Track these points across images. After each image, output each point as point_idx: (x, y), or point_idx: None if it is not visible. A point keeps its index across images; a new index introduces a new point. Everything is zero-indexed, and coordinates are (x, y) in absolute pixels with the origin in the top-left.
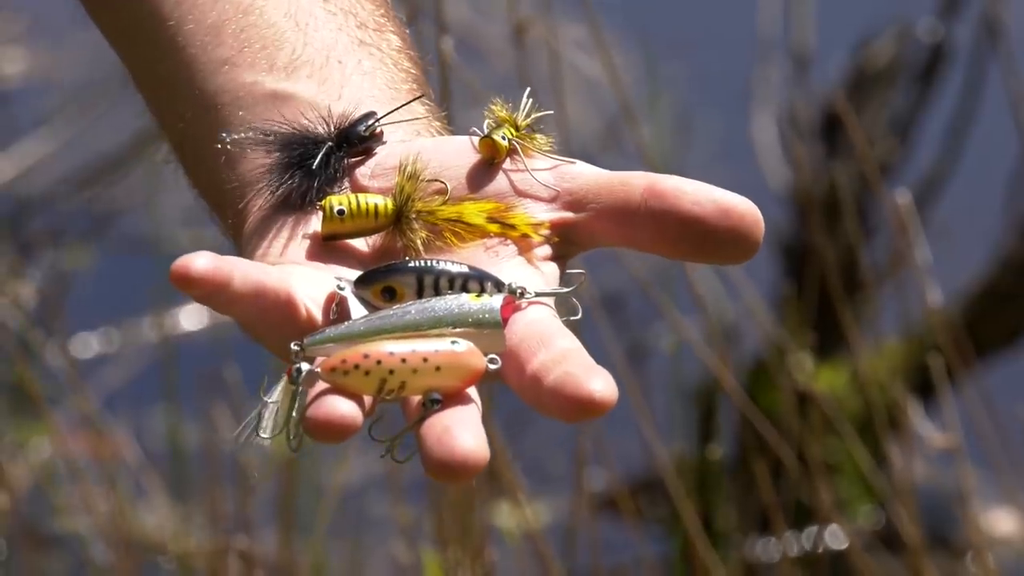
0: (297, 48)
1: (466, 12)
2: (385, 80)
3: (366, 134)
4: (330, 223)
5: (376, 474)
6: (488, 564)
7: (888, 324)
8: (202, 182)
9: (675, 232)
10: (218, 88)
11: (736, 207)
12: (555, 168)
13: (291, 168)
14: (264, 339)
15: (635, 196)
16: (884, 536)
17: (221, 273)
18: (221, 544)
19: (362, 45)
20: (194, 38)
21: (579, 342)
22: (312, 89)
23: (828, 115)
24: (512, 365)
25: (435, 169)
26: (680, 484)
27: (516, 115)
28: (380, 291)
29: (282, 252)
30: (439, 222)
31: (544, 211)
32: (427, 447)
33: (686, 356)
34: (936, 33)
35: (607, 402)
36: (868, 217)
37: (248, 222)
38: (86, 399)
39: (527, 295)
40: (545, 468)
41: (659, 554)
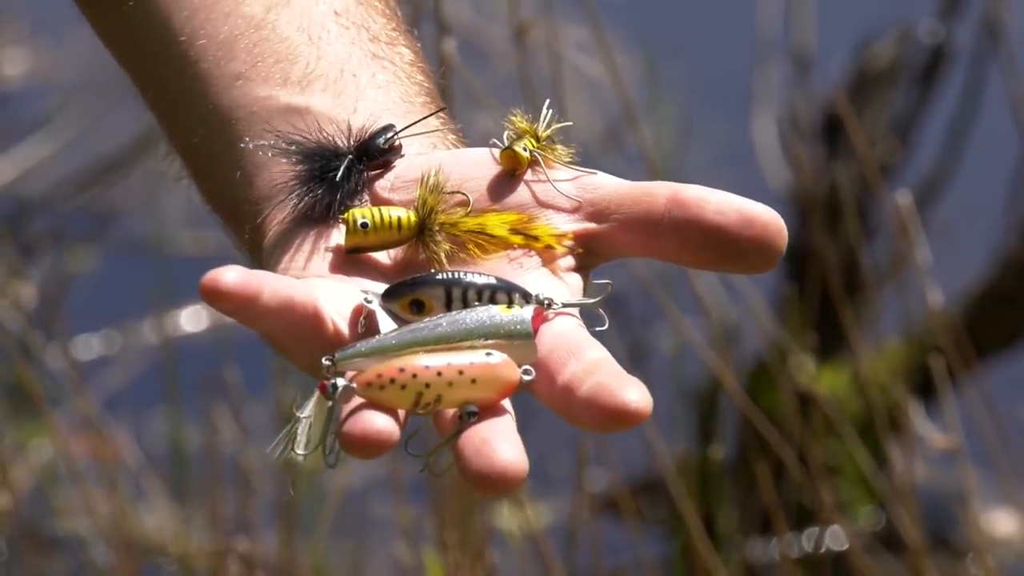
0: (311, 62)
1: (468, 13)
2: (399, 93)
3: (385, 147)
4: (353, 236)
5: (377, 476)
6: (489, 565)
7: (889, 325)
8: (216, 196)
9: (698, 242)
10: (232, 103)
11: (760, 216)
12: (576, 179)
13: (313, 181)
14: (291, 353)
15: (658, 206)
16: (884, 537)
17: (251, 287)
18: (222, 546)
19: (375, 59)
20: (206, 53)
21: (608, 352)
22: (327, 102)
23: (829, 116)
24: (542, 376)
25: (455, 181)
26: (682, 485)
27: (536, 126)
28: (408, 304)
29: (305, 265)
30: (462, 234)
31: (567, 222)
32: (466, 459)
33: (687, 357)
34: (937, 34)
35: (643, 411)
36: (869, 218)
37: (268, 236)
38: (87, 401)
39: (554, 306)
40: (546, 469)
41: (660, 555)
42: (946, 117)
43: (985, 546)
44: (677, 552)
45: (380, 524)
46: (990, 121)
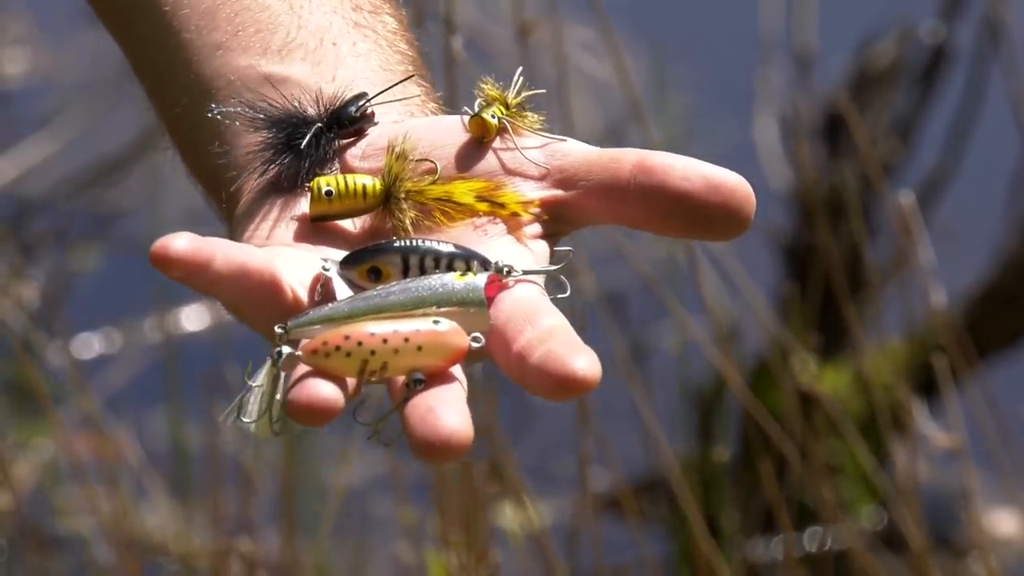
0: (291, 31)
1: (472, 13)
2: (380, 62)
3: (357, 115)
4: (318, 204)
5: (379, 474)
6: (492, 565)
7: (891, 324)
8: (198, 166)
9: (665, 208)
10: (213, 72)
11: (726, 182)
12: (545, 146)
13: (280, 149)
14: (250, 320)
15: (625, 173)
16: (886, 536)
17: (201, 254)
18: (223, 545)
19: (357, 27)
20: (189, 23)
21: (566, 319)
22: (306, 71)
23: (831, 116)
24: (499, 343)
25: (425, 148)
26: (684, 484)
27: (506, 94)
28: (366, 272)
29: (270, 234)
30: (428, 202)
31: (534, 189)
32: (411, 427)
33: (690, 356)
34: (938, 34)
35: (591, 379)
36: (871, 217)
37: (240, 205)
38: (88, 399)
39: (514, 273)
40: (548, 469)
41: (662, 554)
42: (947, 117)
43: (987, 546)
44: (679, 551)
45: (381, 523)
46: (991, 121)
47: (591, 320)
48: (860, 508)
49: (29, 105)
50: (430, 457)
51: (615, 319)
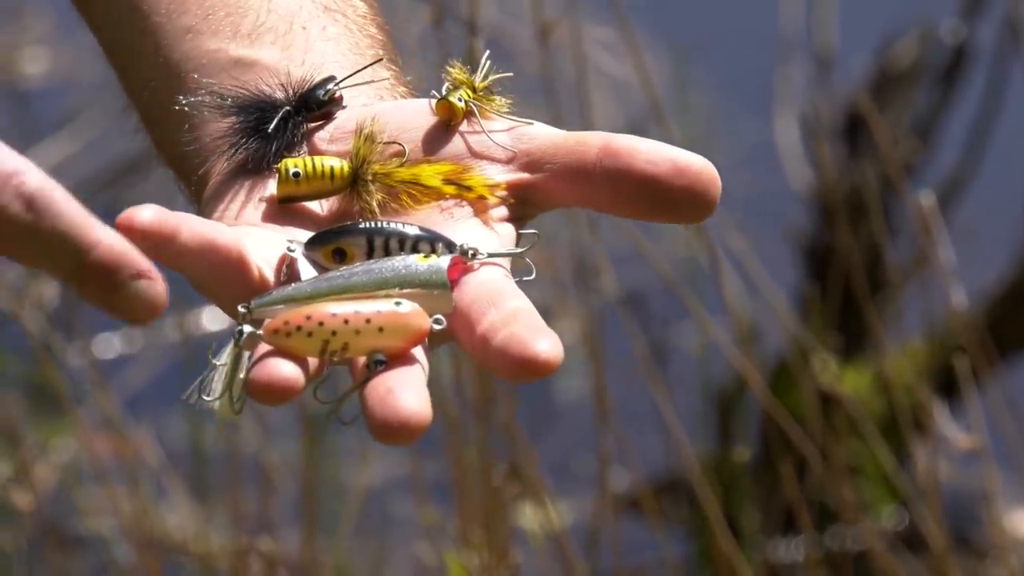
0: (261, 15)
1: (493, 13)
2: (349, 46)
3: (325, 98)
4: (285, 185)
5: (399, 475)
6: (512, 565)
7: (912, 325)
8: (167, 149)
9: (631, 191)
10: (182, 56)
11: (691, 165)
12: (512, 129)
13: (248, 133)
14: (216, 298)
15: (591, 155)
16: (907, 536)
17: (167, 226)
18: (243, 544)
19: (327, 11)
20: (159, 6)
21: (530, 302)
22: (275, 55)
23: (851, 116)
24: (463, 325)
25: (392, 131)
26: (705, 484)
27: (474, 77)
28: (331, 252)
29: (238, 215)
30: (395, 184)
31: (500, 172)
32: (370, 407)
33: (710, 356)
34: (959, 34)
35: (552, 362)
36: (891, 218)
37: (208, 187)
38: (108, 400)
39: (479, 256)
40: (569, 469)
41: (682, 555)
42: (968, 117)
43: (1007, 546)
44: (699, 551)
45: (401, 523)
46: (1012, 121)
47: (612, 320)
48: (881, 508)
49: (49, 105)
50: (387, 438)
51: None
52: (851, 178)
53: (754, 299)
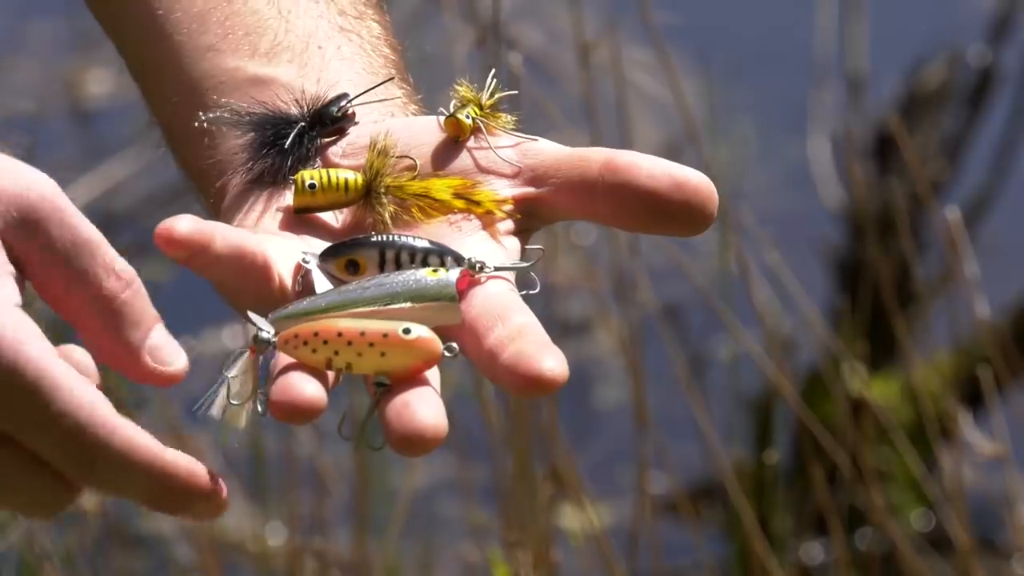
0: (279, 34)
1: (537, 37)
2: (363, 65)
3: (338, 114)
4: (301, 196)
5: (446, 478)
6: (553, 565)
7: (939, 336)
8: (187, 163)
9: (632, 204)
10: (203, 73)
11: (690, 180)
12: (518, 145)
13: (265, 147)
14: (239, 302)
15: (593, 170)
16: (933, 539)
17: (203, 235)
18: (298, 545)
19: (342, 32)
20: (181, 26)
21: (534, 317)
22: (292, 73)
23: (882, 136)
24: (470, 338)
25: (404, 147)
26: (739, 489)
27: (481, 95)
28: (344, 264)
29: (256, 224)
30: (407, 197)
31: (507, 187)
32: (387, 421)
33: (744, 366)
34: (985, 58)
35: (558, 380)
36: (919, 234)
37: (226, 198)
38: (169, 406)
39: (486, 269)
40: (608, 473)
41: (717, 556)
42: (993, 137)
43: None
44: (735, 554)
45: (448, 524)
46: None
47: (650, 332)
48: (908, 512)
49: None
50: (406, 450)
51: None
52: (881, 196)
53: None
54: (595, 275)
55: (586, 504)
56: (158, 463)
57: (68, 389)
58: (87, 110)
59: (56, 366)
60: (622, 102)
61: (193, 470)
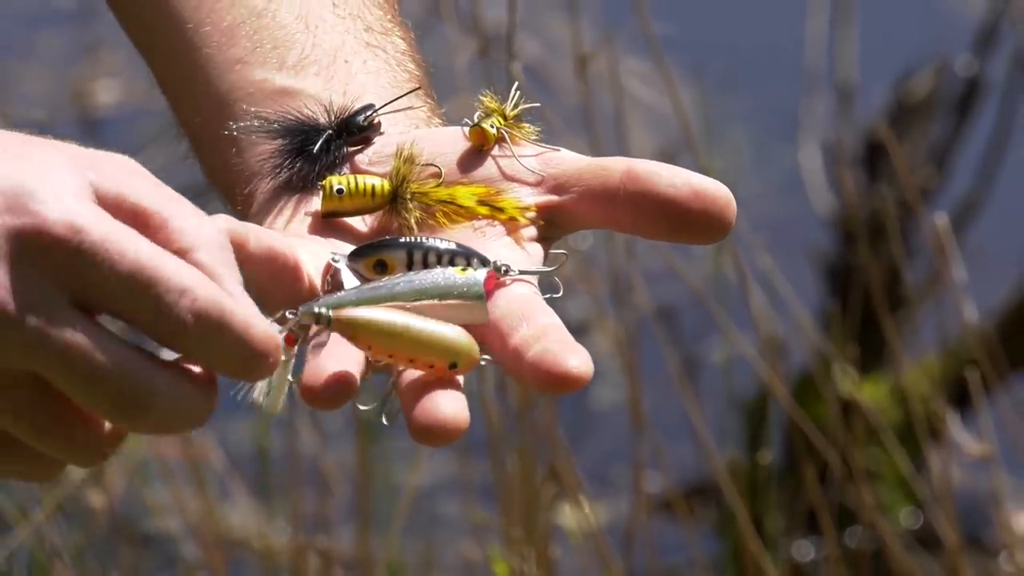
0: (306, 48)
1: (535, 48)
2: (388, 79)
3: (365, 124)
4: (329, 201)
5: (447, 476)
6: (551, 562)
7: (927, 339)
8: (215, 171)
9: (651, 213)
10: (231, 85)
11: (708, 189)
12: (541, 155)
13: (293, 154)
14: (269, 301)
15: (614, 179)
16: (922, 536)
17: (239, 235)
18: (302, 542)
19: (368, 47)
20: (210, 39)
21: (558, 318)
22: (319, 86)
23: (871, 144)
24: (494, 337)
25: (429, 155)
26: (733, 489)
27: (505, 106)
28: (372, 264)
29: (285, 227)
30: (432, 203)
31: (530, 195)
32: (412, 414)
33: (738, 368)
34: (972, 68)
35: (583, 377)
36: (908, 239)
37: (254, 203)
38: None
39: (511, 272)
40: (605, 472)
41: (711, 554)
42: (980, 145)
43: (1016, 545)
44: (728, 551)
45: (449, 522)
46: (1021, 149)
47: (646, 334)
48: (898, 510)
49: (121, 132)
50: (427, 440)
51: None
52: (871, 202)
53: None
54: (592, 278)
55: (583, 503)
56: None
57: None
58: (95, 118)
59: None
60: (619, 111)
61: (274, 337)
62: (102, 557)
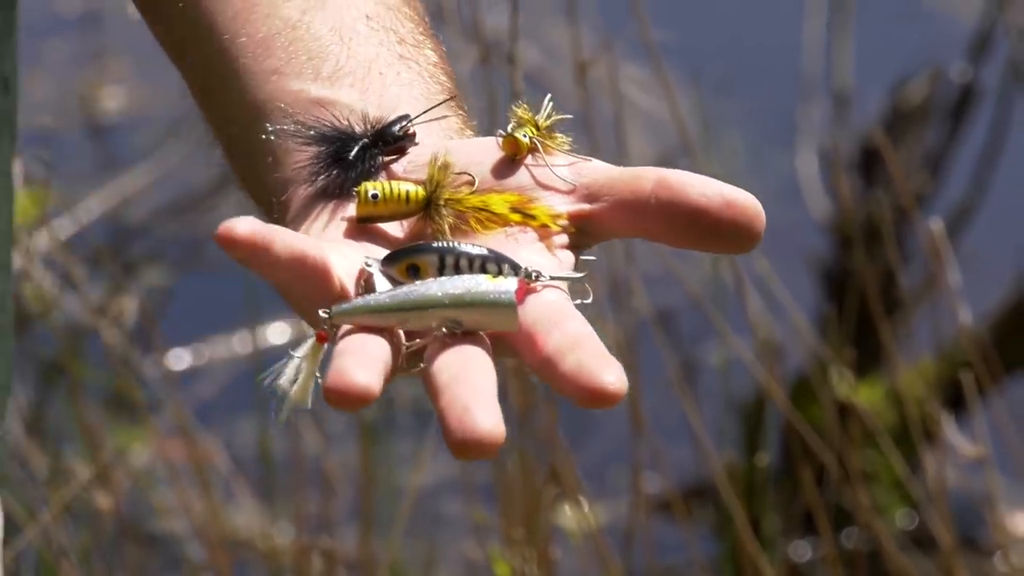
0: (340, 59)
1: (535, 54)
2: (421, 91)
3: (400, 134)
4: (364, 206)
5: (449, 477)
6: (551, 562)
7: (922, 343)
8: (250, 180)
9: (682, 222)
10: (267, 95)
11: (738, 200)
12: (573, 164)
13: (330, 161)
14: (299, 304)
15: (645, 188)
16: (917, 537)
17: (263, 237)
18: (305, 543)
19: (401, 59)
20: (246, 50)
21: (589, 325)
22: (353, 96)
23: (867, 150)
24: (526, 344)
25: (463, 164)
26: (731, 490)
27: (537, 116)
28: (405, 268)
29: (321, 232)
30: (465, 210)
31: (562, 203)
32: (448, 426)
33: (736, 371)
34: (966, 74)
35: (620, 393)
36: (903, 244)
37: (290, 210)
38: (181, 408)
39: (542, 278)
40: (605, 474)
41: (709, 555)
42: (974, 151)
43: (1010, 545)
44: (726, 552)
45: (451, 523)
46: (1015, 154)
47: (645, 337)
48: (893, 511)
49: (128, 138)
50: (465, 455)
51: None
52: (867, 207)
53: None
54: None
55: (583, 503)
56: None
57: None
58: (101, 124)
59: None
60: (618, 117)
61: None
62: (108, 557)
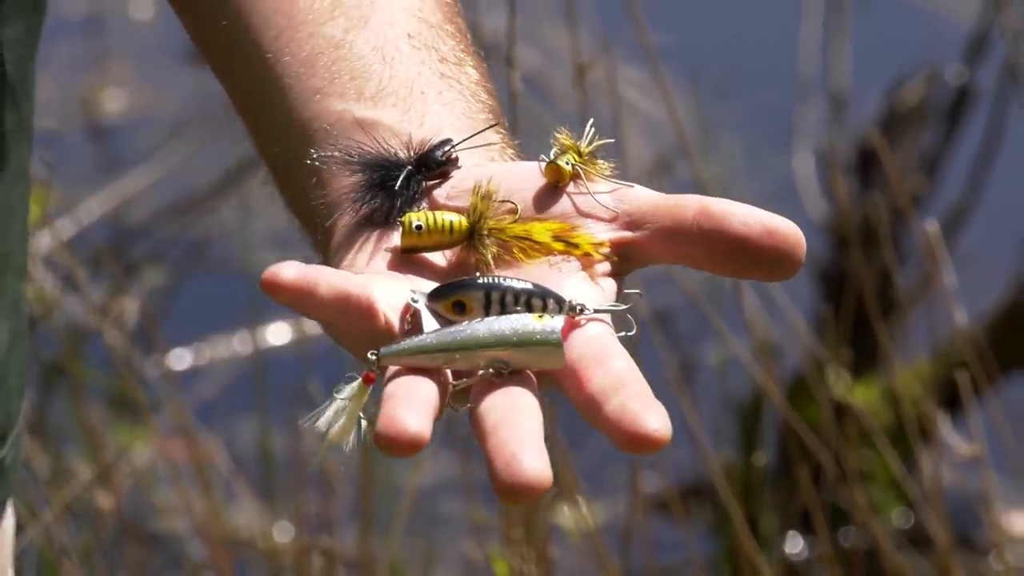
0: (383, 79)
1: (534, 57)
2: (463, 110)
3: (443, 159)
4: (408, 237)
5: (448, 476)
6: (550, 561)
7: (918, 343)
8: (294, 202)
9: (724, 250)
10: (311, 115)
11: (780, 228)
12: (615, 191)
13: (374, 189)
14: (344, 340)
15: (688, 217)
16: (913, 536)
17: (307, 281)
18: (305, 542)
19: (443, 78)
20: (290, 69)
21: (633, 361)
22: (396, 117)
23: (863, 151)
24: (571, 380)
25: (505, 191)
26: (728, 489)
27: (580, 143)
28: (451, 304)
29: (366, 263)
30: (508, 239)
31: (604, 231)
32: (496, 471)
33: (733, 371)
34: (962, 76)
35: (663, 440)
36: (900, 245)
37: (335, 237)
38: (182, 408)
39: (586, 312)
40: (603, 473)
41: (706, 553)
42: (970, 152)
43: (1005, 544)
44: (723, 551)
45: (450, 522)
46: (1010, 156)
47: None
48: (889, 510)
49: (129, 140)
50: (512, 500)
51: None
52: (863, 208)
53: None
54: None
55: (581, 503)
56: None
57: None
58: (103, 126)
59: None
60: (616, 119)
61: None
62: (110, 557)
